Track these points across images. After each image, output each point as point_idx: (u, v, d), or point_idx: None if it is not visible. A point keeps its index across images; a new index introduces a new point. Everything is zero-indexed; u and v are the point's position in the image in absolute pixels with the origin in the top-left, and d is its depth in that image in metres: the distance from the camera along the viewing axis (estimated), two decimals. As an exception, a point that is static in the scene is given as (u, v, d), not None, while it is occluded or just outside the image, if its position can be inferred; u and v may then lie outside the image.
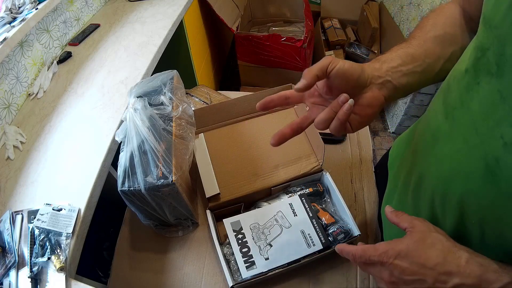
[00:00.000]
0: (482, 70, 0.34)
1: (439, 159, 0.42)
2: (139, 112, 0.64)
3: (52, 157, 0.82)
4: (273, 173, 0.75)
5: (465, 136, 0.37)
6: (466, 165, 0.37)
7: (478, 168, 0.35)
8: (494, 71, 0.32)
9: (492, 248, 0.38)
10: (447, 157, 0.40)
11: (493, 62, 0.32)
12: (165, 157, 0.61)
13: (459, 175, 0.38)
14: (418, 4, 1.77)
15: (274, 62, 1.83)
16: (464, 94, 0.37)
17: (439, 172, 0.42)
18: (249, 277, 0.61)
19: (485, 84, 0.34)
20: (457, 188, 0.39)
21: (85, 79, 1.04)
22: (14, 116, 0.96)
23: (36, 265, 0.60)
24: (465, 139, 0.37)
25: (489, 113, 0.33)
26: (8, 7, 0.97)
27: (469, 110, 0.36)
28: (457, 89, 0.39)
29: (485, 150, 0.34)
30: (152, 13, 1.33)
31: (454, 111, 0.39)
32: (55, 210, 0.68)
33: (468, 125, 0.36)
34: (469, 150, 0.36)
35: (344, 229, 0.67)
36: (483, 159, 0.34)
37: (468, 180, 0.37)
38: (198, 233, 0.74)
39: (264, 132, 0.83)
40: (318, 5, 2.39)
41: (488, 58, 0.33)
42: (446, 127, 0.40)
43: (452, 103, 0.39)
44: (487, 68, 0.33)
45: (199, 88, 1.09)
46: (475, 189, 0.36)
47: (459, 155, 0.38)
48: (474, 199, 0.37)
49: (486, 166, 0.34)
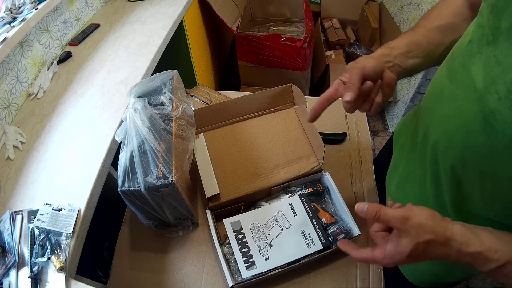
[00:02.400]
0: (483, 42, 0.40)
1: (443, 115, 0.46)
2: (139, 112, 0.64)
3: (52, 157, 0.82)
4: (273, 173, 0.75)
5: (466, 94, 0.42)
6: (466, 118, 0.41)
7: (477, 120, 0.39)
8: (490, 40, 0.38)
9: (491, 205, 0.43)
10: (450, 113, 0.45)
11: (489, 33, 0.39)
12: (165, 157, 0.61)
13: (461, 128, 0.43)
14: (418, 4, 1.77)
15: (274, 62, 1.83)
16: (466, 60, 0.42)
17: (443, 127, 0.46)
18: (249, 277, 0.61)
19: (486, 53, 0.39)
20: (458, 140, 0.43)
21: (85, 79, 1.04)
22: (14, 116, 0.96)
23: (36, 265, 0.60)
24: (466, 97, 0.42)
25: (486, 73, 0.39)
26: (8, 7, 0.97)
27: (470, 72, 0.41)
28: (460, 56, 0.44)
29: (483, 104, 0.39)
30: (152, 13, 1.33)
31: (457, 74, 0.44)
32: (55, 210, 0.68)
33: (469, 85, 0.41)
34: (469, 105, 0.41)
35: (344, 229, 0.67)
36: (481, 111, 0.39)
37: (468, 132, 0.41)
38: (198, 233, 0.74)
39: (264, 132, 0.83)
40: (318, 5, 2.39)
41: (486, 31, 0.39)
42: (450, 88, 0.46)
43: (456, 68, 0.45)
44: (486, 40, 0.39)
45: (199, 88, 1.09)
46: (475, 140, 0.41)
47: (460, 110, 0.42)
48: (474, 150, 0.41)
49: (484, 117, 0.39)
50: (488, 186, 0.42)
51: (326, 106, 0.54)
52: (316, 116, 0.55)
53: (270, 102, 0.86)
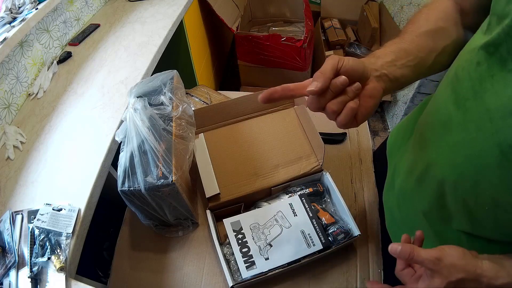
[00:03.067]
0: (496, 64, 0.36)
1: (451, 147, 0.43)
2: (139, 112, 0.64)
3: (52, 157, 0.82)
4: (273, 173, 0.75)
5: (479, 125, 0.38)
6: (480, 153, 0.38)
7: (493, 155, 0.37)
8: (510, 67, 0.34)
9: (507, 231, 0.40)
10: (460, 145, 0.41)
11: (508, 59, 0.35)
12: (165, 157, 0.61)
13: (474, 162, 0.40)
14: (418, 4, 1.77)
15: (274, 62, 1.83)
16: (477, 86, 0.39)
17: (451, 160, 0.43)
18: (249, 277, 0.61)
19: (500, 78, 0.36)
20: (471, 174, 0.40)
21: (85, 79, 1.04)
22: (14, 116, 0.96)
23: (36, 265, 0.60)
24: (478, 128, 0.38)
25: (504, 105, 0.35)
26: (8, 7, 0.97)
27: (483, 101, 0.38)
28: (468, 80, 0.40)
29: (500, 138, 0.36)
30: (152, 13, 1.33)
31: (467, 101, 0.40)
32: (55, 210, 0.68)
33: (482, 115, 0.38)
34: (484, 138, 0.38)
35: (344, 229, 0.67)
36: (497, 146, 0.36)
37: (482, 166, 0.39)
38: (198, 233, 0.74)
39: (264, 132, 0.83)
40: (318, 5, 2.39)
41: (502, 54, 0.35)
42: (459, 117, 0.42)
43: (464, 94, 0.41)
44: (501, 63, 0.35)
45: (199, 88, 1.09)
46: (490, 174, 0.38)
47: (473, 143, 0.39)
48: (488, 184, 0.39)
49: (501, 152, 0.36)
50: (502, 214, 0.40)
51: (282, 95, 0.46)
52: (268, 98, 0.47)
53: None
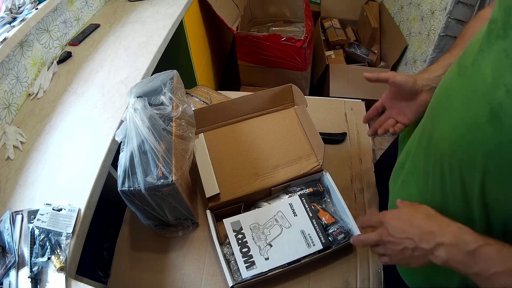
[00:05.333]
0: (493, 36, 0.41)
1: (450, 112, 0.47)
2: (139, 112, 0.64)
3: (52, 157, 0.82)
4: (273, 173, 0.75)
5: (474, 88, 0.42)
6: (474, 113, 0.41)
7: (484, 113, 0.40)
8: (501, 34, 0.39)
9: (492, 206, 0.43)
10: (458, 108, 0.45)
11: (500, 28, 0.39)
12: (165, 157, 0.61)
13: (468, 123, 0.43)
14: (418, 4, 1.77)
15: (274, 62, 1.83)
16: (476, 55, 0.43)
17: (450, 124, 0.47)
18: (249, 277, 0.61)
19: (495, 46, 0.40)
20: (465, 136, 0.43)
21: (85, 79, 1.04)
22: (14, 116, 0.96)
23: (36, 265, 0.60)
24: (473, 91, 0.42)
25: (495, 67, 0.39)
26: (8, 7, 0.97)
27: (480, 67, 0.42)
28: (471, 52, 0.45)
29: (491, 97, 0.39)
30: (152, 13, 1.33)
31: (466, 69, 0.45)
32: (55, 210, 0.68)
33: (477, 79, 0.42)
34: (477, 98, 0.41)
35: (344, 229, 0.67)
36: (488, 104, 0.39)
37: (475, 125, 0.41)
38: (198, 233, 0.74)
39: (264, 132, 0.83)
40: (318, 5, 2.38)
41: (498, 26, 0.40)
42: (459, 83, 0.46)
43: (465, 63, 0.46)
44: (496, 34, 0.40)
45: (199, 88, 1.09)
46: (481, 133, 0.41)
47: (468, 104, 0.43)
48: (480, 145, 0.41)
49: (491, 110, 0.39)
50: (490, 185, 0.42)
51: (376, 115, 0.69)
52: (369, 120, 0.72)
53: (270, 102, 0.86)
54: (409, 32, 1.87)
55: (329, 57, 2.07)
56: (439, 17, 1.58)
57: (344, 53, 2.14)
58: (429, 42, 1.68)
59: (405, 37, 1.90)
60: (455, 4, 1.47)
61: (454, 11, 1.49)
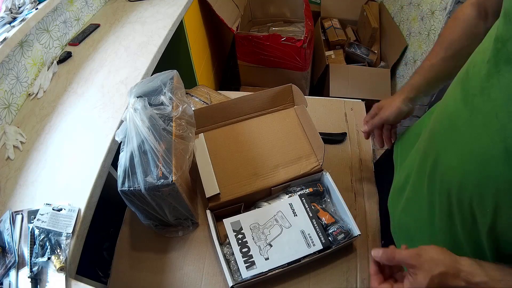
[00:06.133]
0: (502, 59, 0.37)
1: (458, 144, 0.44)
2: (139, 112, 0.64)
3: (52, 157, 0.82)
4: (273, 173, 0.75)
5: (485, 121, 0.39)
6: (485, 149, 0.39)
7: (498, 151, 0.37)
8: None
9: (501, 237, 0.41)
10: (467, 141, 0.42)
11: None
12: (165, 157, 0.61)
13: (479, 159, 0.40)
14: (418, 4, 1.77)
15: (274, 62, 1.83)
16: (484, 82, 0.39)
17: (457, 157, 0.44)
18: (249, 277, 0.61)
19: (505, 73, 0.36)
20: (476, 172, 0.41)
21: (85, 79, 1.04)
22: (14, 116, 0.96)
23: (36, 265, 0.60)
24: (485, 125, 0.39)
25: (508, 98, 0.35)
26: (8, 7, 0.97)
27: (490, 97, 0.38)
28: (477, 77, 0.41)
29: (505, 134, 0.36)
30: (152, 13, 1.33)
31: (474, 98, 0.41)
32: (55, 210, 0.68)
33: (489, 111, 0.38)
34: (490, 134, 0.38)
35: (344, 229, 0.67)
36: (503, 142, 0.36)
37: (487, 163, 0.39)
38: (198, 233, 0.74)
39: (264, 132, 0.83)
40: (318, 5, 2.38)
41: (508, 48, 0.36)
42: (466, 113, 0.42)
43: (472, 91, 0.42)
44: (507, 58, 0.36)
45: (199, 88, 1.09)
46: (494, 172, 0.38)
47: (479, 140, 0.40)
48: (493, 182, 0.39)
49: (506, 149, 0.36)
50: (501, 219, 0.40)
51: None
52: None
53: (270, 102, 0.86)
54: (409, 32, 1.87)
55: (329, 57, 2.07)
56: (439, 17, 1.58)
57: (344, 53, 2.14)
58: (429, 42, 1.68)
59: (405, 37, 1.90)
60: (455, 4, 1.47)
61: (454, 11, 1.49)
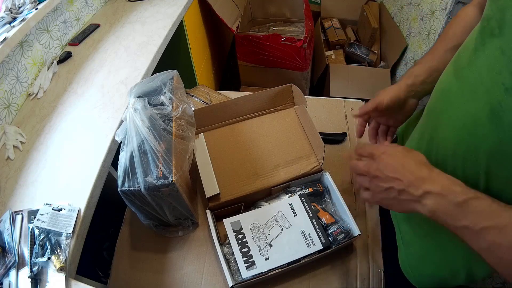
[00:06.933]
0: (487, 34, 0.41)
1: (450, 115, 0.46)
2: (139, 112, 0.64)
3: (52, 157, 0.82)
4: (273, 173, 0.75)
5: (472, 89, 0.42)
6: (474, 114, 0.41)
7: (484, 113, 0.40)
8: (496, 32, 0.39)
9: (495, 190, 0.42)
10: (458, 111, 0.45)
11: (495, 26, 0.39)
12: (165, 157, 0.61)
13: (468, 124, 0.43)
14: (418, 4, 1.77)
15: (274, 62, 1.83)
16: (472, 55, 0.43)
17: (450, 127, 0.46)
18: (249, 277, 0.61)
19: (489, 44, 0.40)
20: (466, 137, 0.43)
21: (85, 79, 1.04)
22: (14, 116, 0.96)
23: (36, 265, 0.60)
24: (472, 92, 0.42)
25: (492, 65, 0.39)
26: (8, 7, 0.97)
27: (476, 67, 0.42)
28: (466, 53, 0.45)
29: (490, 96, 0.39)
30: (152, 13, 1.33)
31: (463, 70, 0.45)
32: (55, 210, 0.68)
33: (475, 79, 0.41)
34: (476, 100, 0.41)
35: (344, 229, 0.67)
36: (488, 104, 0.39)
37: (475, 125, 0.41)
38: (198, 233, 0.74)
39: (264, 132, 0.83)
40: (318, 5, 2.38)
41: (491, 24, 0.40)
42: (456, 86, 0.46)
43: (461, 64, 0.46)
44: (490, 32, 0.40)
45: (199, 88, 1.09)
46: (482, 133, 0.41)
47: (467, 106, 0.43)
48: (482, 145, 0.41)
49: (491, 109, 0.39)
50: (494, 180, 0.42)
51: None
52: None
53: (270, 102, 0.86)
54: (409, 32, 1.87)
55: (329, 57, 2.07)
56: (439, 17, 1.58)
57: (344, 53, 2.14)
58: (429, 42, 1.68)
59: (405, 37, 1.90)
60: (455, 4, 1.47)
61: (454, 11, 1.49)
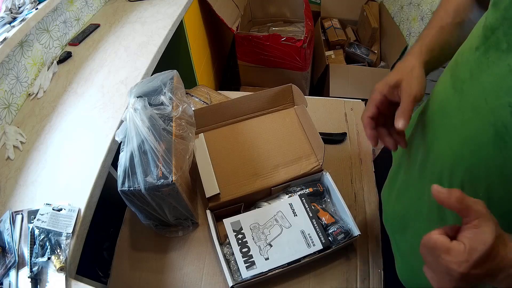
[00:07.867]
0: (492, 47, 0.37)
1: (448, 130, 0.44)
2: (139, 112, 0.64)
3: (52, 157, 0.82)
4: (273, 173, 0.75)
5: (475, 106, 0.39)
6: (476, 133, 0.39)
7: (488, 135, 0.37)
8: (504, 48, 0.35)
9: (495, 214, 0.36)
10: (457, 127, 0.42)
11: (503, 40, 0.36)
12: (165, 157, 0.61)
13: (469, 144, 0.40)
14: (418, 4, 1.77)
15: (274, 62, 1.83)
16: (474, 68, 0.40)
17: (448, 143, 0.44)
18: (249, 277, 0.62)
19: (495, 59, 0.37)
20: (467, 157, 0.41)
21: (85, 79, 1.04)
22: (14, 116, 0.96)
23: (36, 265, 0.60)
24: (474, 109, 0.39)
25: (498, 83, 0.36)
26: (8, 7, 0.97)
27: (479, 82, 0.39)
28: (466, 64, 0.42)
29: (495, 117, 0.36)
30: (152, 13, 1.33)
31: (463, 84, 0.41)
32: (55, 210, 0.68)
33: (478, 96, 0.38)
34: (479, 119, 0.38)
35: (344, 229, 0.67)
36: (492, 125, 0.36)
37: (478, 147, 0.39)
38: (198, 233, 0.74)
39: (264, 132, 0.83)
40: (318, 5, 2.38)
41: (498, 36, 0.36)
42: (456, 100, 0.43)
43: (461, 77, 0.42)
44: (496, 45, 0.37)
45: (199, 88, 1.09)
46: (485, 155, 0.38)
47: (469, 124, 0.40)
48: (484, 166, 0.39)
49: (496, 132, 0.36)
50: (495, 198, 0.40)
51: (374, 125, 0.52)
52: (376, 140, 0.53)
53: (270, 102, 0.86)
54: (409, 32, 1.87)
55: (329, 57, 2.07)
56: (439, 17, 1.58)
57: (344, 53, 2.14)
58: (429, 42, 1.68)
59: (405, 37, 1.90)
60: (455, 4, 1.47)
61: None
